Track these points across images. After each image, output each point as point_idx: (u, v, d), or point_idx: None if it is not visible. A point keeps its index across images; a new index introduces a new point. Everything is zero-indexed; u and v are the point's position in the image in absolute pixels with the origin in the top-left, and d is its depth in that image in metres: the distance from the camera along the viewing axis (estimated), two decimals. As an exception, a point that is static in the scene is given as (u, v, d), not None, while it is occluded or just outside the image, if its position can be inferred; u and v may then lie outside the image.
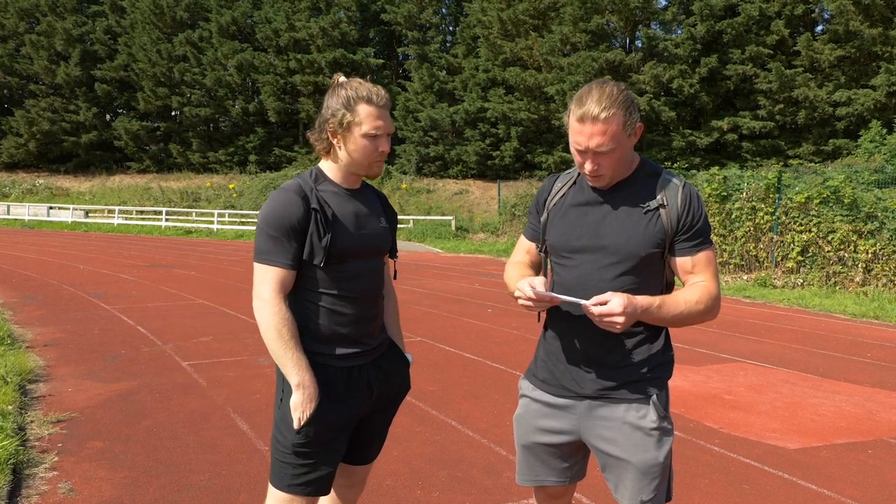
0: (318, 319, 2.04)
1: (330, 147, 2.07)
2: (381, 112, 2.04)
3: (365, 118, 2.01)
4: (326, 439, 2.03)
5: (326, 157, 2.10)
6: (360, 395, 2.10)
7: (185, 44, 35.46)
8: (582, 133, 1.83)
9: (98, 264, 14.22)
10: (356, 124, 2.01)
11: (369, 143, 2.03)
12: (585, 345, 1.97)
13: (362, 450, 2.24)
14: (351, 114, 2.00)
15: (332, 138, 2.05)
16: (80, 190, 36.06)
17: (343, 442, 2.08)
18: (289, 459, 2.01)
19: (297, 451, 2.01)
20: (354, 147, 2.03)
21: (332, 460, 2.05)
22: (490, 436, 4.23)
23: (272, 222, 1.96)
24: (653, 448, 1.92)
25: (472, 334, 7.49)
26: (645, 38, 26.06)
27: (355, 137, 2.02)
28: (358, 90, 2.02)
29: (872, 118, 21.13)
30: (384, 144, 2.06)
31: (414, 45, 34.22)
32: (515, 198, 24.26)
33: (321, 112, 2.08)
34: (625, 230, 1.92)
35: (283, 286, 1.98)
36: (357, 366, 2.09)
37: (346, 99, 2.01)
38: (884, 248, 11.52)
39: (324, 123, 2.05)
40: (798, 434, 4.40)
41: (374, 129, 2.02)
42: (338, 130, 2.03)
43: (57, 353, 6.15)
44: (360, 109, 2.01)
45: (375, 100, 2.02)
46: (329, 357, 2.06)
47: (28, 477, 3.45)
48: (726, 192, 13.89)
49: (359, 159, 2.05)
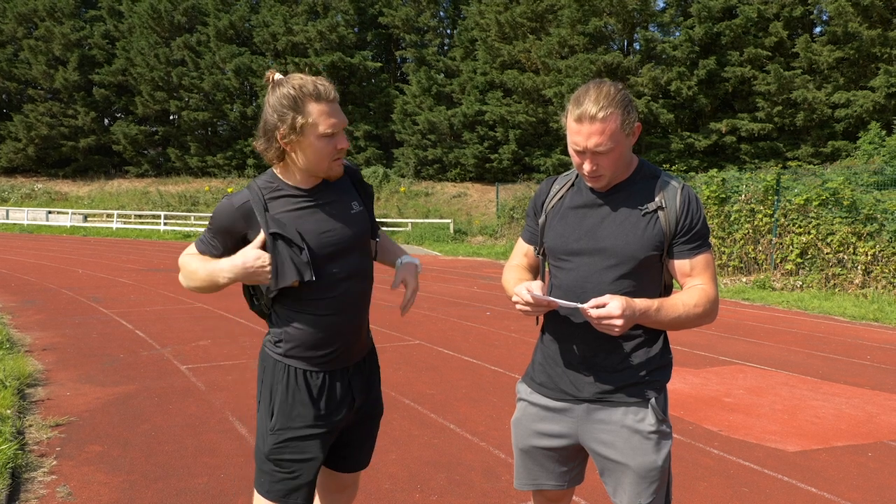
0: (300, 327, 1.96)
1: (283, 154, 1.89)
2: (333, 107, 1.86)
3: (318, 117, 1.83)
4: (303, 448, 1.95)
5: (279, 164, 1.93)
6: (341, 402, 2.02)
7: (182, 48, 35.48)
8: (580, 133, 1.82)
9: (97, 268, 14.20)
10: (310, 126, 1.83)
11: (326, 144, 1.86)
12: (583, 348, 1.96)
13: (349, 458, 2.16)
14: (301, 115, 1.82)
15: (285, 145, 1.87)
16: (78, 194, 36.03)
17: (321, 451, 1.99)
18: (266, 467, 1.96)
19: (272, 458, 1.95)
20: (311, 150, 1.86)
21: (309, 470, 1.97)
22: (489, 439, 4.22)
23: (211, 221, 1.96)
24: (651, 451, 1.91)
25: (470, 337, 7.48)
26: (643, 40, 26.10)
27: (311, 140, 1.85)
28: (303, 87, 1.82)
29: (871, 120, 21.15)
30: (342, 141, 1.89)
31: (412, 48, 34.27)
32: (514, 200, 24.27)
33: (263, 117, 1.88)
34: (623, 233, 1.91)
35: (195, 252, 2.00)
36: (339, 370, 2.02)
37: (291, 99, 1.82)
38: (883, 250, 11.51)
39: (272, 131, 1.85)
40: (797, 437, 4.39)
41: (329, 127, 1.84)
42: (289, 136, 1.84)
43: (55, 357, 6.13)
44: (310, 109, 1.82)
45: (324, 94, 1.84)
46: (308, 361, 1.97)
47: (27, 481, 3.44)
48: (725, 195, 13.89)
49: (318, 162, 1.89)
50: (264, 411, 2.00)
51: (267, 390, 2.00)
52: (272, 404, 1.98)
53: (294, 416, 1.95)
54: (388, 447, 4.03)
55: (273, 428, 1.96)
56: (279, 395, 1.97)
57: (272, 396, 1.98)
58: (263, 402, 2.01)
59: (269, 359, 2.01)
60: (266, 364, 2.02)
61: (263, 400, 2.01)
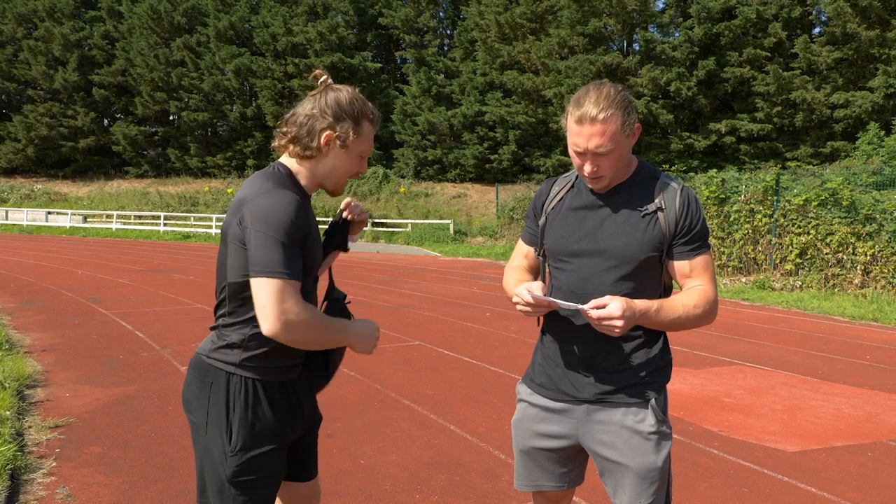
0: (262, 336, 1.78)
1: (314, 154, 1.86)
2: (374, 133, 1.94)
3: (366, 137, 1.90)
4: (267, 465, 1.84)
5: (300, 160, 1.88)
6: (295, 413, 1.93)
7: (182, 49, 35.51)
8: (580, 134, 1.83)
9: (96, 269, 14.20)
10: (357, 142, 1.88)
11: (356, 163, 1.91)
12: (583, 349, 1.96)
13: (303, 468, 2.08)
14: (357, 129, 1.86)
15: (325, 146, 1.86)
16: (78, 195, 36.04)
17: (283, 464, 1.90)
18: (228, 493, 1.81)
19: (236, 482, 1.80)
20: (342, 163, 1.89)
21: (273, 486, 1.88)
22: (489, 439, 4.22)
23: (284, 228, 1.70)
24: (651, 452, 1.91)
25: (470, 338, 7.48)
26: (642, 41, 26.13)
27: (352, 152, 1.89)
28: (365, 106, 1.89)
29: (870, 120, 21.18)
30: (364, 165, 1.95)
31: (411, 48, 34.30)
32: (514, 201, 24.28)
33: (308, 113, 1.85)
34: (623, 234, 1.92)
35: (300, 295, 1.75)
36: (290, 380, 1.92)
37: (354, 111, 1.86)
38: (882, 250, 11.52)
39: (320, 129, 1.84)
40: (797, 437, 4.39)
41: (369, 149, 1.91)
42: (336, 142, 1.85)
43: (55, 359, 6.13)
44: (365, 127, 1.89)
45: (376, 120, 1.92)
46: (266, 371, 1.84)
47: (26, 482, 3.44)
48: (724, 195, 13.90)
49: (341, 174, 1.91)
50: (216, 433, 1.81)
51: (218, 409, 1.81)
52: (229, 424, 1.80)
53: (256, 433, 1.81)
54: (388, 448, 4.03)
55: (233, 450, 1.79)
56: (237, 412, 1.80)
57: (228, 415, 1.81)
58: (213, 424, 1.81)
59: (219, 373, 1.83)
60: (213, 379, 1.83)
61: (213, 421, 1.81)
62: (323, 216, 27.34)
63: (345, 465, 3.75)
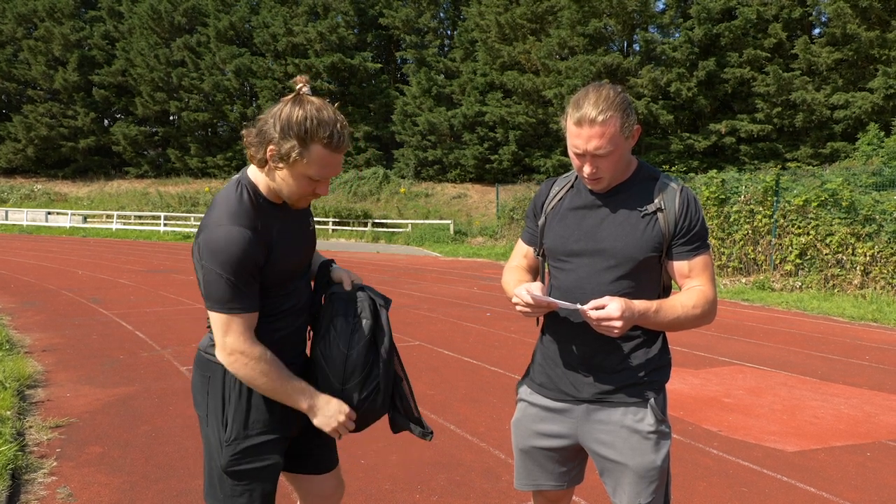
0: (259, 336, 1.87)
1: (265, 164, 1.80)
2: (336, 158, 1.77)
3: (315, 161, 1.74)
4: (261, 455, 1.88)
5: (258, 167, 1.83)
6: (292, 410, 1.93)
7: (183, 49, 35.52)
8: (580, 136, 1.83)
9: (96, 269, 14.21)
10: (303, 164, 1.74)
11: (308, 184, 1.79)
12: (583, 349, 1.97)
13: (319, 457, 2.09)
14: (301, 151, 1.72)
15: (270, 160, 1.77)
16: (78, 195, 36.05)
17: (280, 457, 1.92)
18: (224, 483, 1.88)
19: (230, 471, 1.86)
20: (290, 181, 1.78)
21: (269, 477, 1.91)
22: (489, 439, 4.23)
23: (232, 267, 1.71)
24: (651, 451, 1.92)
25: (470, 338, 7.49)
26: (643, 41, 26.13)
27: (296, 174, 1.76)
28: (321, 126, 1.70)
29: (870, 121, 21.18)
30: (323, 188, 1.81)
31: (412, 49, 34.30)
32: (514, 201, 24.28)
33: (266, 118, 1.76)
34: (622, 234, 1.92)
35: (251, 329, 1.79)
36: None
37: (302, 131, 1.70)
38: (882, 251, 11.53)
39: (266, 141, 1.74)
40: (796, 437, 4.40)
41: (319, 175, 1.77)
42: (280, 160, 1.74)
43: (55, 359, 6.14)
44: (313, 150, 1.72)
45: (335, 143, 1.74)
46: None
47: (27, 482, 3.44)
48: (724, 196, 13.91)
49: (290, 193, 1.81)
50: (214, 424, 1.89)
51: (216, 401, 1.89)
52: (224, 415, 1.87)
53: (251, 422, 1.87)
54: (388, 448, 4.04)
55: (228, 439, 1.86)
56: (232, 403, 1.87)
57: (224, 406, 1.88)
58: (212, 415, 1.89)
59: (216, 367, 1.89)
60: (210, 373, 1.91)
61: (212, 412, 1.89)
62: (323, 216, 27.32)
63: (345, 465, 3.75)
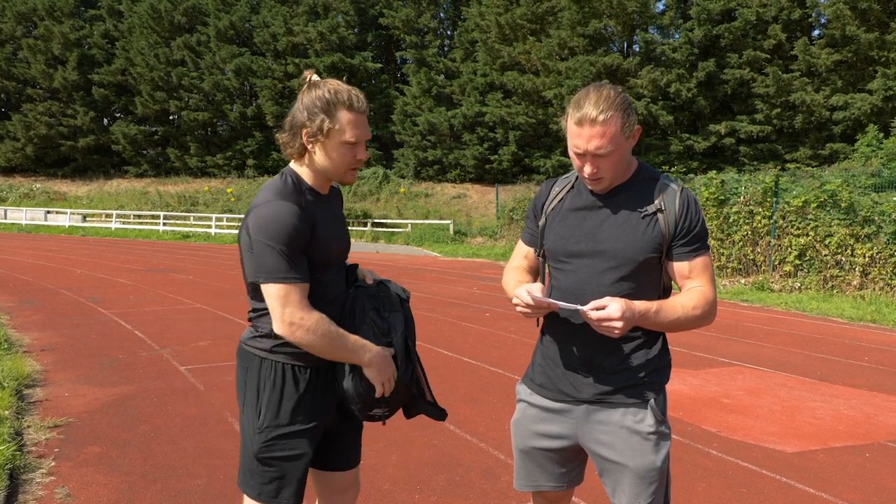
0: None
1: (304, 152, 1.96)
2: (361, 118, 1.94)
3: (346, 125, 1.92)
4: (292, 444, 1.96)
5: (299, 161, 1.99)
6: (327, 397, 2.02)
7: (183, 48, 35.49)
8: (580, 136, 1.83)
9: (95, 269, 14.20)
10: (336, 132, 1.91)
11: (348, 151, 1.95)
12: (583, 349, 1.97)
13: (341, 455, 2.16)
14: (331, 120, 1.90)
15: (308, 144, 1.94)
16: (77, 194, 36.03)
17: (310, 447, 1.99)
18: (255, 468, 1.96)
19: (261, 457, 1.95)
20: (333, 154, 1.94)
21: (298, 467, 1.97)
22: (488, 440, 4.23)
23: (282, 238, 1.84)
24: (650, 452, 1.92)
25: (470, 338, 7.48)
26: (642, 42, 26.15)
27: (334, 144, 1.93)
28: (338, 94, 1.91)
29: (869, 122, 21.20)
30: (362, 152, 1.97)
31: (412, 49, 34.30)
32: (513, 202, 24.27)
33: (293, 113, 1.95)
34: (623, 235, 1.92)
35: (306, 299, 1.89)
36: (324, 366, 2.01)
37: (325, 103, 1.90)
38: (881, 252, 11.53)
39: (299, 128, 1.93)
40: (796, 437, 4.40)
41: (354, 136, 1.93)
42: (316, 136, 1.92)
43: (54, 358, 6.13)
44: (340, 116, 1.91)
45: (356, 105, 1.92)
46: (296, 356, 1.97)
47: (25, 482, 3.44)
48: (724, 196, 13.91)
49: (336, 167, 1.97)
50: (250, 412, 1.98)
51: (252, 390, 1.98)
52: (259, 403, 1.97)
53: (282, 412, 1.95)
54: (387, 448, 4.03)
55: (261, 427, 1.95)
56: (266, 392, 1.96)
57: (258, 395, 1.97)
58: (248, 404, 1.99)
59: (253, 358, 2.00)
60: (249, 364, 2.01)
61: (248, 401, 1.99)
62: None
63: (344, 465, 3.75)
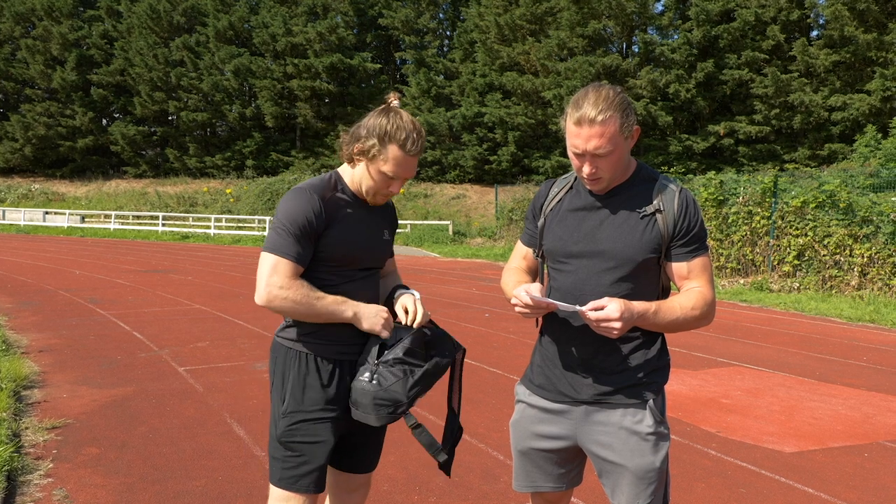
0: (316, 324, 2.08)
1: (352, 160, 2.11)
2: (409, 160, 2.05)
3: (390, 159, 2.03)
4: (314, 430, 2.04)
5: (349, 164, 2.14)
6: (349, 391, 2.10)
7: (181, 48, 35.47)
8: (579, 136, 1.83)
9: (94, 269, 14.18)
10: (381, 161, 2.04)
11: (384, 180, 2.07)
12: (582, 350, 1.97)
13: (359, 459, 2.24)
14: (380, 149, 2.02)
15: (355, 156, 2.09)
16: (76, 195, 36.00)
17: (332, 435, 2.07)
18: (279, 453, 2.06)
19: (284, 441, 2.04)
20: (369, 175, 2.08)
21: (320, 454, 2.05)
22: (487, 440, 4.22)
23: (289, 218, 1.99)
24: (649, 453, 1.92)
25: (469, 339, 7.48)
26: (642, 43, 26.17)
27: (374, 169, 2.06)
28: (398, 131, 2.02)
29: (867, 123, 21.20)
30: (396, 187, 2.09)
31: (411, 49, 34.31)
32: (513, 202, 24.28)
33: (361, 123, 2.09)
34: (622, 235, 1.92)
35: (296, 277, 1.99)
36: (347, 361, 2.10)
37: (383, 133, 2.02)
38: (879, 252, 11.54)
39: (355, 140, 2.07)
40: (795, 437, 4.40)
41: (393, 173, 2.05)
42: (363, 154, 2.06)
43: (52, 359, 6.12)
44: (390, 150, 2.02)
45: (409, 148, 2.03)
46: (319, 347, 2.07)
47: (23, 484, 3.43)
48: (723, 197, 13.92)
49: (368, 186, 2.10)
50: (277, 398, 2.09)
51: (279, 378, 2.10)
52: (284, 390, 2.08)
53: (305, 399, 2.05)
54: (386, 449, 4.01)
55: (285, 411, 2.06)
56: (290, 379, 2.07)
57: (284, 382, 2.08)
58: (276, 390, 2.10)
59: (281, 348, 2.11)
60: (278, 354, 2.12)
61: (276, 388, 2.10)
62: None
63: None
